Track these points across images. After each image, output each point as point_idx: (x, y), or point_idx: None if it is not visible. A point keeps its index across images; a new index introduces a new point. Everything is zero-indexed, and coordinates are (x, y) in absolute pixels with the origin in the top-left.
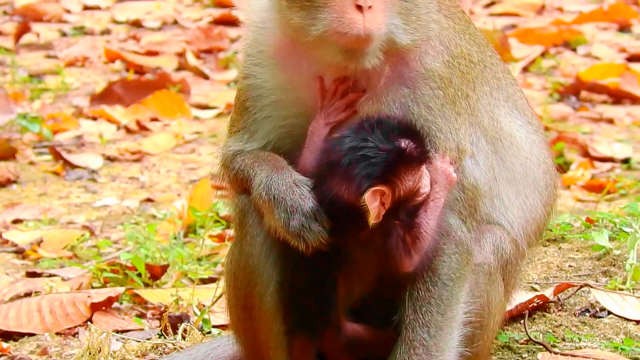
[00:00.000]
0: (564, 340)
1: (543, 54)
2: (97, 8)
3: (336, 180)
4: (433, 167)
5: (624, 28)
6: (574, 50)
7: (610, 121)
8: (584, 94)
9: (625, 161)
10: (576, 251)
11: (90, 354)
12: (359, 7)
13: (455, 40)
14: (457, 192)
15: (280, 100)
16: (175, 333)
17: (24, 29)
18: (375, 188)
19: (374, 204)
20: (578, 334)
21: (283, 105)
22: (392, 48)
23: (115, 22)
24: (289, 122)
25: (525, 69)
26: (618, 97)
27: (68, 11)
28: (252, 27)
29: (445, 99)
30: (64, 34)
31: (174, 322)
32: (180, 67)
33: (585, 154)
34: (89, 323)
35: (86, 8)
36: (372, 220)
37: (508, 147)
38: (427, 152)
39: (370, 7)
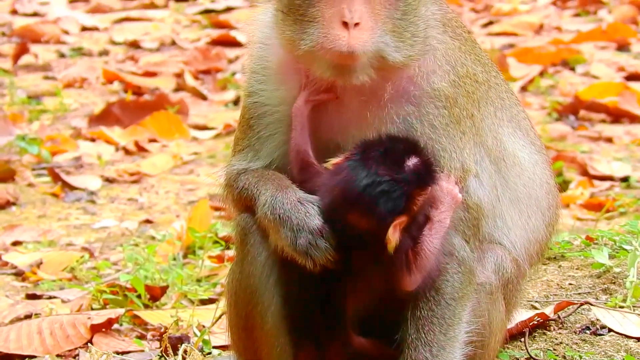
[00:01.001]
0: (564, 358)
1: (541, 73)
2: (95, 29)
3: (356, 215)
4: (439, 187)
5: (622, 47)
6: (573, 69)
7: (609, 140)
8: (582, 113)
9: (625, 180)
10: (576, 269)
11: None
12: (345, 24)
13: (462, 60)
14: (461, 212)
15: (285, 118)
16: (175, 354)
17: (22, 50)
18: (398, 221)
19: (396, 235)
20: (579, 351)
21: (287, 122)
22: (385, 64)
23: (113, 43)
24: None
25: (523, 88)
26: (617, 116)
27: (66, 32)
28: (257, 44)
29: (450, 118)
30: (62, 55)
31: (174, 343)
32: (179, 88)
33: (584, 172)
34: (89, 344)
35: (84, 29)
36: (392, 248)
37: (511, 167)
38: (435, 168)
39: (357, 24)
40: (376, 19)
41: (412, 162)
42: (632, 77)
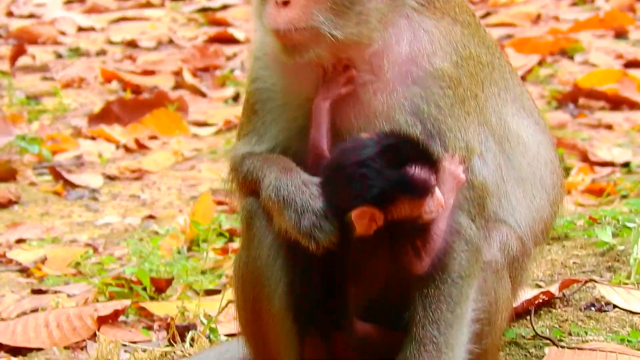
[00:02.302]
0: (570, 334)
1: (540, 63)
2: (92, 29)
3: (338, 184)
4: (442, 168)
5: (620, 35)
6: (571, 58)
7: (609, 127)
8: (582, 101)
9: (625, 165)
10: (580, 248)
11: None
12: (277, 3)
13: (464, 42)
14: (467, 191)
15: (288, 103)
16: (183, 342)
17: (19, 52)
18: (364, 209)
19: (360, 221)
20: (584, 328)
21: (290, 107)
22: (329, 42)
23: (111, 42)
24: (296, 124)
25: (522, 78)
26: (616, 103)
27: (63, 33)
28: (259, 30)
29: (455, 98)
30: (59, 56)
31: (181, 331)
32: (177, 86)
33: (585, 159)
34: (97, 333)
35: (81, 29)
36: (359, 233)
37: (515, 146)
38: (433, 185)
39: (286, 2)
40: None
41: (414, 170)
42: (631, 64)
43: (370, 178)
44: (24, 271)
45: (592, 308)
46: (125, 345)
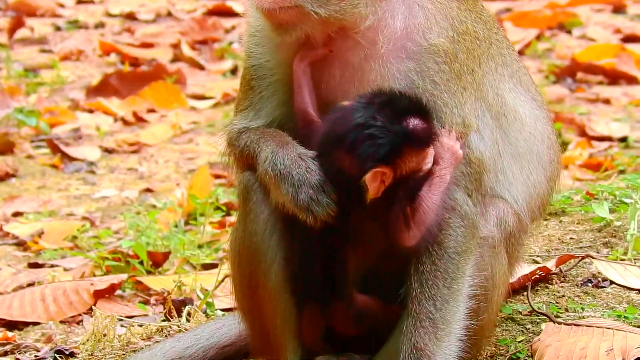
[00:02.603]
0: (567, 310)
1: (538, 37)
2: (91, 2)
3: (340, 153)
4: (439, 143)
5: (618, 9)
6: (569, 32)
7: (607, 101)
8: (579, 75)
9: (623, 140)
10: (577, 223)
11: (95, 338)
12: None
13: (461, 17)
14: (463, 167)
15: (282, 79)
16: (179, 316)
17: (17, 24)
18: (377, 170)
19: (374, 184)
20: (581, 304)
21: (285, 83)
22: (315, 19)
23: (109, 15)
24: (292, 99)
25: (520, 52)
26: (614, 78)
27: (62, 5)
28: (251, 8)
29: (451, 73)
30: (58, 28)
31: (177, 306)
32: (176, 59)
33: (583, 133)
34: (93, 308)
35: (80, 2)
36: (370, 197)
37: (512, 122)
38: (434, 134)
39: None
40: None
41: (413, 120)
42: (629, 38)
43: (377, 137)
44: (21, 245)
45: (589, 284)
46: (121, 319)
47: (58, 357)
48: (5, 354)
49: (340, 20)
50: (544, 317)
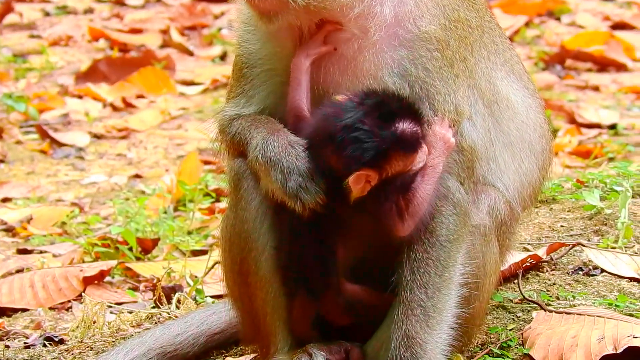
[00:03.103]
0: (558, 298)
1: (527, 24)
2: None
3: (328, 151)
4: (431, 132)
5: None
6: (558, 19)
7: (596, 88)
8: (569, 62)
9: (612, 127)
10: (567, 211)
11: (85, 325)
12: None
13: (453, 5)
14: (456, 154)
15: (273, 68)
16: (169, 303)
17: (7, 10)
18: (361, 172)
19: (357, 186)
20: (572, 292)
21: (276, 72)
22: (298, 7)
23: (98, 0)
24: (284, 89)
25: (509, 39)
26: (603, 65)
27: None
28: None
29: (444, 61)
30: (47, 14)
31: (167, 293)
32: (165, 44)
33: (572, 120)
34: (83, 294)
35: None
36: (354, 197)
37: (504, 110)
38: (423, 138)
39: None
40: None
41: (402, 124)
42: (618, 26)
43: (363, 141)
44: (10, 230)
45: (580, 272)
46: (111, 306)
47: (47, 344)
48: None
49: (322, 9)
50: (535, 305)
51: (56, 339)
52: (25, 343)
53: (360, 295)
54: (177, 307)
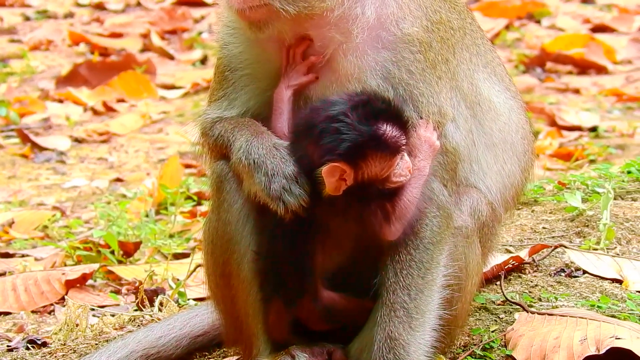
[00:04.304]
0: (540, 300)
1: (507, 27)
2: None
3: (308, 141)
4: (417, 135)
5: None
6: (538, 22)
7: (577, 91)
8: (549, 65)
9: (593, 129)
10: (549, 213)
11: (68, 328)
12: None
13: (435, 7)
14: (440, 156)
15: (256, 72)
16: (152, 306)
17: None
18: (335, 164)
19: (330, 178)
20: (554, 293)
21: (258, 78)
22: (287, 16)
23: (78, 5)
24: (266, 93)
25: (491, 43)
26: (583, 67)
27: None
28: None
29: (426, 63)
30: (27, 18)
31: (150, 296)
32: (145, 48)
33: (553, 123)
34: (66, 297)
35: None
36: (328, 192)
37: (487, 111)
38: (404, 144)
39: None
40: None
41: (385, 126)
42: (598, 28)
43: (342, 132)
44: None
45: (562, 273)
46: (93, 309)
47: (30, 347)
48: None
49: (311, 15)
50: (517, 307)
51: (39, 342)
52: (8, 346)
53: (337, 302)
54: (160, 310)
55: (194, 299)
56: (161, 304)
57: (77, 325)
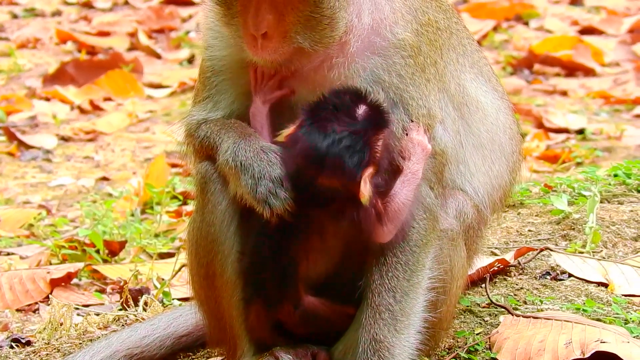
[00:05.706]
0: (525, 303)
1: (495, 28)
2: None
3: (326, 176)
4: (409, 139)
5: (575, 1)
6: (526, 23)
7: (564, 93)
8: (537, 66)
9: (580, 132)
10: (535, 216)
11: (52, 327)
12: (256, 37)
13: (423, 8)
14: (428, 159)
15: (238, 76)
16: (136, 306)
17: None
18: (367, 173)
19: (367, 187)
20: (539, 296)
21: (241, 81)
22: (310, 52)
23: (66, 3)
24: (250, 97)
25: (477, 43)
26: (571, 69)
27: None
28: (209, 1)
29: (416, 67)
30: (14, 16)
31: (134, 295)
32: (132, 47)
33: (540, 125)
34: (50, 296)
35: None
36: (366, 200)
37: (474, 112)
38: (384, 109)
39: (265, 34)
40: (285, 22)
41: (361, 110)
42: (586, 30)
43: (353, 144)
44: None
45: (548, 276)
46: (78, 308)
47: (14, 345)
48: None
49: (332, 43)
50: (503, 310)
51: (23, 341)
52: None
53: (318, 308)
54: (144, 310)
55: (179, 299)
56: (146, 303)
57: (61, 324)
